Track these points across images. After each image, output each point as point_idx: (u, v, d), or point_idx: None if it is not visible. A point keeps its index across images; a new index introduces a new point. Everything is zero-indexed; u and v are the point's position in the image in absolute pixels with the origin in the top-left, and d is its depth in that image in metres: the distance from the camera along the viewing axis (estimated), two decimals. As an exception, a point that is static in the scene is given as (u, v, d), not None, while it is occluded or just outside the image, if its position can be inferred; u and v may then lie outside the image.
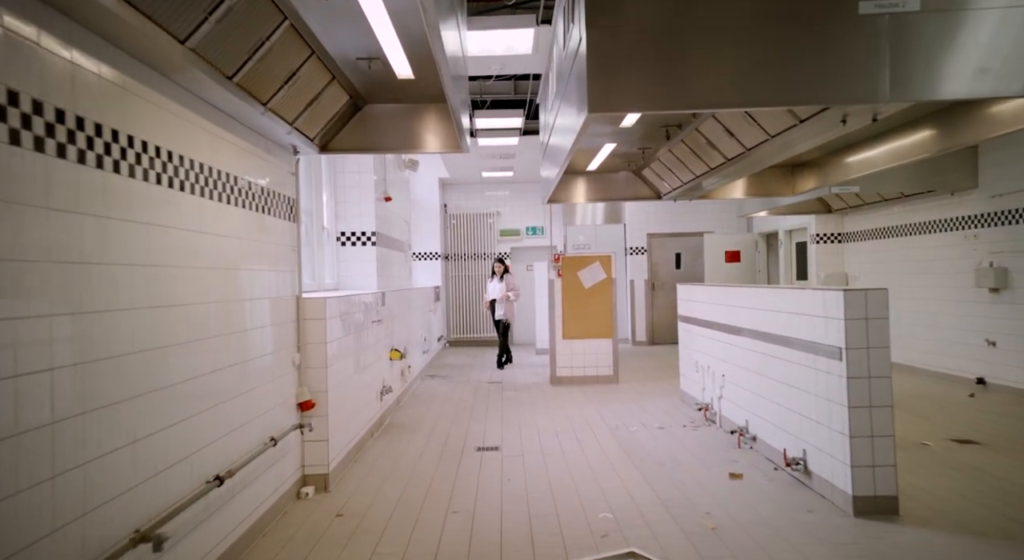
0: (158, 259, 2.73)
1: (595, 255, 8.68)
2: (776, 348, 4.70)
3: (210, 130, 3.22)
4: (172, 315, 2.81)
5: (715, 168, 5.74)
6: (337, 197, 7.27)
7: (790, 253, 11.44)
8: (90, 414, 2.26)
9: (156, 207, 2.71)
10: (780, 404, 4.66)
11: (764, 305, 4.91)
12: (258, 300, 3.82)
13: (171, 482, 2.76)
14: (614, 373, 8.65)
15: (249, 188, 3.70)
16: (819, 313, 4.02)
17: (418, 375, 9.24)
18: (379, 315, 6.50)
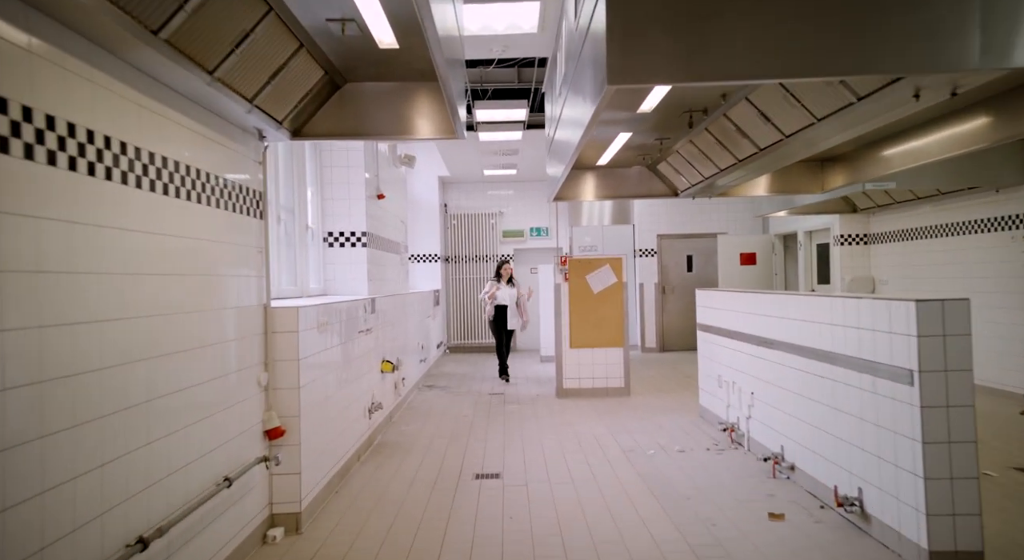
0: (72, 264, 2.11)
1: (605, 257, 8.05)
2: (821, 366, 4.06)
3: (142, 103, 2.60)
4: (88, 334, 2.19)
5: (743, 160, 5.11)
6: (324, 194, 6.64)
7: (810, 255, 10.79)
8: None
9: (73, 200, 2.09)
10: (826, 431, 4.02)
11: (805, 315, 4.27)
12: (212, 311, 3.19)
13: (77, 551, 2.13)
14: (625, 385, 8.01)
15: (204, 179, 3.08)
16: (880, 327, 3.39)
17: (414, 386, 8.62)
18: (368, 324, 5.87)
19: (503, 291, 9.16)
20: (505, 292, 9.16)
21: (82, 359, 2.20)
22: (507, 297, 9.14)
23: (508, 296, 9.15)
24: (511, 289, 9.18)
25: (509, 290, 9.17)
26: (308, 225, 6.11)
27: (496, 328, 9.35)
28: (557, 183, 6.86)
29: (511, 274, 9.27)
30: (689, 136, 5.41)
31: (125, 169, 2.48)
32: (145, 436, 2.57)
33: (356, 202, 6.71)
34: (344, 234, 6.71)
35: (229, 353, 3.37)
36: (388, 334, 6.89)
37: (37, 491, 1.98)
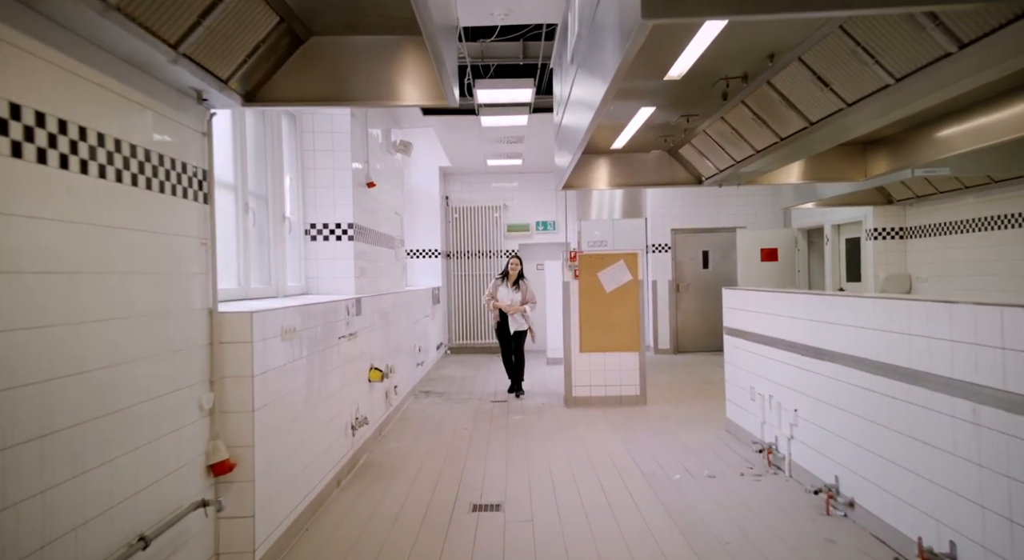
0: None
1: (618, 253, 7.31)
2: (896, 385, 3.32)
3: (10, 40, 1.88)
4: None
5: (787, 139, 4.36)
6: (305, 180, 5.92)
7: (838, 251, 10.02)
8: None
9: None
10: (902, 466, 3.28)
11: (873, 322, 3.53)
12: (135, 319, 2.48)
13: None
14: (641, 393, 7.27)
15: (120, 150, 2.36)
16: (987, 340, 2.65)
17: (409, 393, 7.90)
18: (352, 327, 5.15)
19: (504, 293, 7.83)
20: (507, 295, 7.80)
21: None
22: (508, 300, 7.81)
23: (511, 299, 7.79)
24: (515, 293, 7.78)
25: (512, 293, 7.79)
26: (286, 216, 5.39)
27: (501, 335, 8.02)
28: (566, 169, 6.13)
29: (519, 271, 7.90)
30: (721, 112, 4.66)
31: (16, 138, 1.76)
32: (37, 483, 1.86)
33: (342, 190, 5.99)
34: (328, 226, 5.99)
35: (159, 371, 2.65)
36: (378, 338, 6.17)
37: None
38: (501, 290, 7.90)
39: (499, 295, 7.90)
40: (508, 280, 7.92)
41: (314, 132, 5.93)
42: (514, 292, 7.84)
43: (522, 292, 7.85)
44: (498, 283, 7.98)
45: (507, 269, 7.96)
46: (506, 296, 7.85)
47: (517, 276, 7.92)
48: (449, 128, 8.99)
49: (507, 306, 7.78)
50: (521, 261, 8.06)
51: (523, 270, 8.04)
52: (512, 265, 7.95)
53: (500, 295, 7.89)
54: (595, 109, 3.87)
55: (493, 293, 7.95)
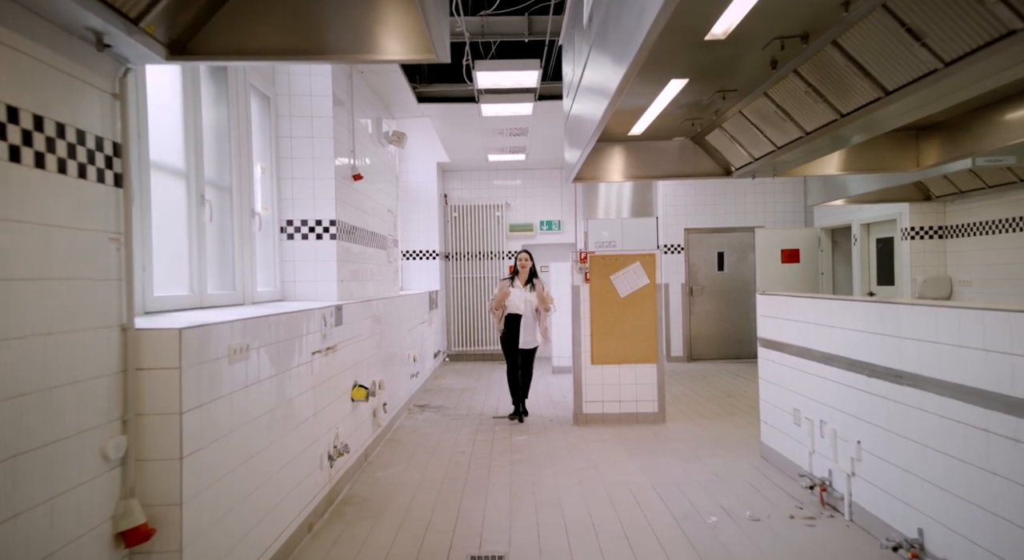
0: None
1: (634, 253, 6.58)
2: (1006, 420, 2.59)
3: None
4: None
5: (850, 115, 3.62)
6: (280, 171, 5.19)
7: (867, 252, 9.28)
8: None
9: None
10: (1020, 525, 2.54)
11: (963, 338, 2.79)
12: (3, 343, 1.75)
13: None
14: (659, 410, 6.53)
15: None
16: None
17: (403, 408, 7.16)
18: (331, 339, 4.42)
19: (516, 294, 6.75)
20: (520, 296, 6.75)
21: None
22: (522, 302, 6.74)
23: (524, 301, 6.73)
24: (529, 293, 6.75)
25: (526, 294, 6.75)
26: (255, 211, 4.65)
27: (507, 346, 6.90)
28: (578, 160, 5.39)
29: (531, 269, 6.85)
30: (767, 84, 3.92)
31: None
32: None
33: (324, 183, 5.27)
34: (308, 223, 5.27)
35: (45, 410, 1.92)
36: (365, 350, 5.43)
37: None
38: (515, 293, 6.78)
39: (512, 298, 6.77)
40: (518, 280, 6.83)
41: (291, 116, 5.20)
42: (529, 292, 6.77)
43: (538, 293, 6.77)
44: (507, 285, 6.85)
45: (516, 267, 6.85)
46: (520, 298, 6.75)
47: (529, 274, 6.84)
48: (447, 118, 8.26)
49: (518, 307, 6.72)
50: (531, 256, 6.92)
51: (535, 267, 6.97)
52: (521, 261, 6.83)
53: (514, 298, 6.77)
54: (617, 83, 3.15)
55: (501, 299, 6.77)
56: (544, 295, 6.79)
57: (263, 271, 4.91)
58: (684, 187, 11.12)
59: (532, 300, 6.78)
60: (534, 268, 6.96)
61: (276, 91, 5.16)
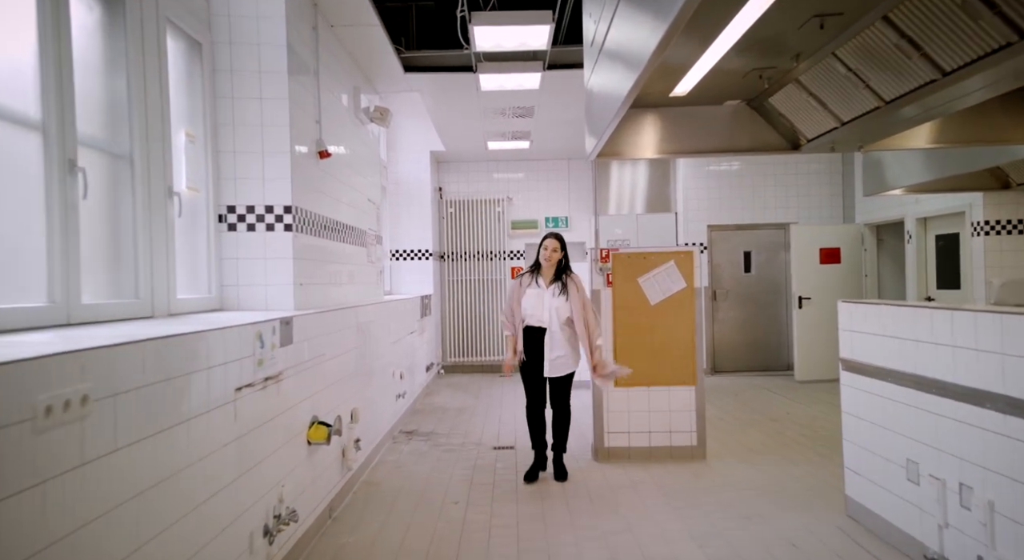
0: None
1: (667, 250, 5.38)
2: None
3: None
4: None
5: (977, 63, 2.43)
6: (218, 141, 4.00)
7: (924, 251, 8.08)
8: None
9: None
10: None
11: None
12: None
13: None
14: (698, 442, 5.32)
15: None
16: None
17: (386, 436, 5.96)
18: (271, 367, 3.21)
19: (536, 297, 4.77)
20: (541, 299, 4.77)
21: None
22: (547, 311, 4.75)
23: (550, 309, 4.74)
24: (556, 298, 4.75)
25: (551, 298, 4.75)
26: (174, 190, 3.45)
27: (527, 372, 4.89)
28: (603, 131, 4.19)
29: (560, 263, 4.85)
30: (860, 26, 2.72)
31: None
32: None
33: (276, 158, 4.08)
34: (255, 210, 4.08)
35: None
36: (331, 372, 4.23)
37: None
38: (529, 296, 4.79)
39: (527, 305, 4.79)
40: (542, 277, 4.84)
41: (233, 71, 4.01)
42: (556, 297, 4.74)
43: (571, 297, 4.73)
44: (523, 285, 4.88)
45: (538, 259, 4.87)
46: (542, 304, 4.75)
47: (557, 269, 4.82)
48: (440, 93, 7.06)
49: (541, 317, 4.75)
50: (563, 243, 4.88)
51: (567, 259, 4.89)
52: (546, 250, 4.80)
53: (528, 304, 4.78)
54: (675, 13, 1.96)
55: (514, 305, 4.87)
56: (582, 304, 4.74)
57: (188, 272, 3.71)
58: (707, 179, 9.94)
59: (562, 308, 4.74)
60: (566, 260, 4.86)
61: (213, 38, 3.96)
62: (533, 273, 4.92)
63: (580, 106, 7.54)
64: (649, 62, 2.79)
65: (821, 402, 7.55)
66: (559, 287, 4.81)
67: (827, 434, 6.03)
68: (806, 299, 9.04)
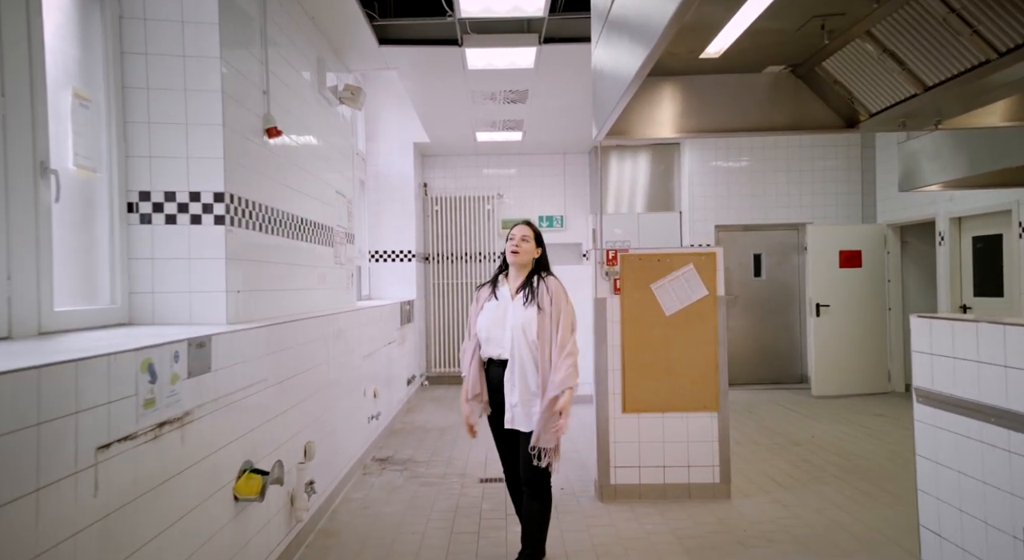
0: None
1: (685, 252, 4.57)
2: None
3: None
4: None
5: None
6: (128, 110, 3.15)
7: (958, 254, 7.31)
8: None
9: None
10: None
11: None
12: None
13: None
14: (722, 478, 4.50)
15: None
16: None
17: (354, 466, 5.10)
18: (175, 407, 2.35)
19: (491, 312, 3.29)
20: (503, 314, 3.26)
21: None
22: (509, 332, 3.22)
23: (513, 328, 3.20)
24: (523, 309, 3.20)
25: (516, 310, 3.22)
26: (50, 169, 2.59)
27: (496, 428, 3.41)
28: (614, 105, 3.37)
29: (539, 262, 3.35)
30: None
31: None
32: None
33: (204, 131, 3.23)
34: (176, 197, 3.23)
35: None
36: (270, 404, 3.37)
37: None
38: (487, 313, 3.30)
39: (482, 326, 3.29)
40: (506, 283, 3.33)
41: (146, 20, 3.16)
42: (524, 308, 3.20)
43: (545, 311, 3.17)
44: (479, 299, 3.40)
45: (503, 265, 3.40)
46: (499, 321, 3.25)
47: (531, 271, 3.30)
48: (421, 71, 6.22)
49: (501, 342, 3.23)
50: (539, 236, 3.37)
51: (545, 258, 3.38)
52: (517, 238, 3.28)
53: (485, 325, 3.28)
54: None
55: (472, 329, 3.39)
56: (561, 326, 3.16)
57: (80, 276, 2.86)
58: (714, 175, 9.15)
59: (529, 325, 3.16)
60: (544, 260, 3.36)
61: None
62: (494, 283, 3.37)
63: (578, 90, 6.72)
64: (681, 7, 1.98)
65: (845, 422, 6.76)
66: (527, 294, 3.22)
67: (863, 464, 5.23)
68: (824, 306, 8.25)
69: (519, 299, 3.25)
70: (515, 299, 3.26)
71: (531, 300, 3.22)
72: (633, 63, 2.90)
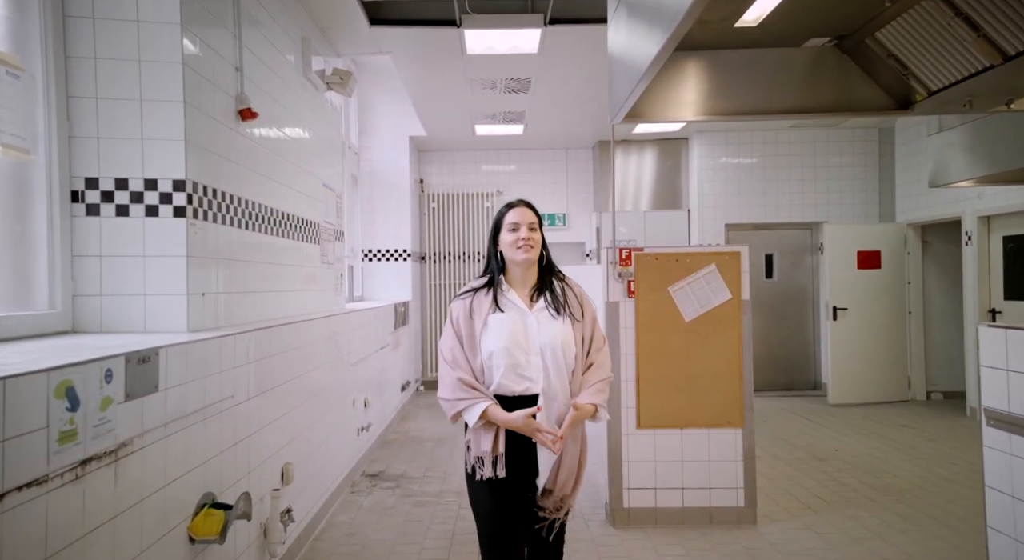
0: None
1: (706, 251, 4.14)
2: None
3: None
4: None
5: None
6: (71, 84, 2.72)
7: (987, 255, 6.89)
8: None
9: None
10: None
11: None
12: None
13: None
14: (746, 502, 4.07)
15: None
16: None
17: (342, 484, 4.66)
18: (105, 439, 1.91)
19: (507, 326, 2.27)
20: (530, 327, 2.29)
21: None
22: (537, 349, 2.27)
23: (548, 344, 2.27)
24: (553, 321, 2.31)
25: (547, 323, 2.30)
26: (-28, 146, 2.15)
27: (495, 497, 2.28)
28: (635, 83, 2.94)
29: (542, 258, 2.41)
30: None
31: None
32: None
33: (162, 109, 2.79)
34: (128, 185, 2.79)
35: None
36: (238, 423, 2.92)
37: None
38: (498, 326, 2.28)
39: (494, 346, 2.27)
40: (511, 288, 2.37)
41: (93, -24, 2.72)
42: (555, 320, 2.32)
43: (579, 323, 2.36)
44: (474, 312, 2.34)
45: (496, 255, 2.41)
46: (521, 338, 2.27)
47: (542, 267, 2.43)
48: (417, 57, 5.79)
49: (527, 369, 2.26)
50: (539, 215, 2.43)
51: (548, 252, 2.44)
52: (524, 226, 2.35)
53: (499, 344, 2.26)
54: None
55: (469, 357, 2.31)
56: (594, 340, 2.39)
57: (4, 275, 2.42)
58: (724, 171, 8.74)
59: (568, 342, 2.31)
60: (546, 255, 2.45)
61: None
62: (489, 287, 2.38)
63: (584, 79, 6.30)
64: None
65: (868, 434, 6.33)
66: (550, 301, 2.35)
67: (896, 484, 4.81)
68: (841, 310, 7.83)
69: (542, 308, 2.33)
70: (534, 309, 2.33)
71: (559, 311, 2.33)
72: (658, 34, 2.48)
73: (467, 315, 2.35)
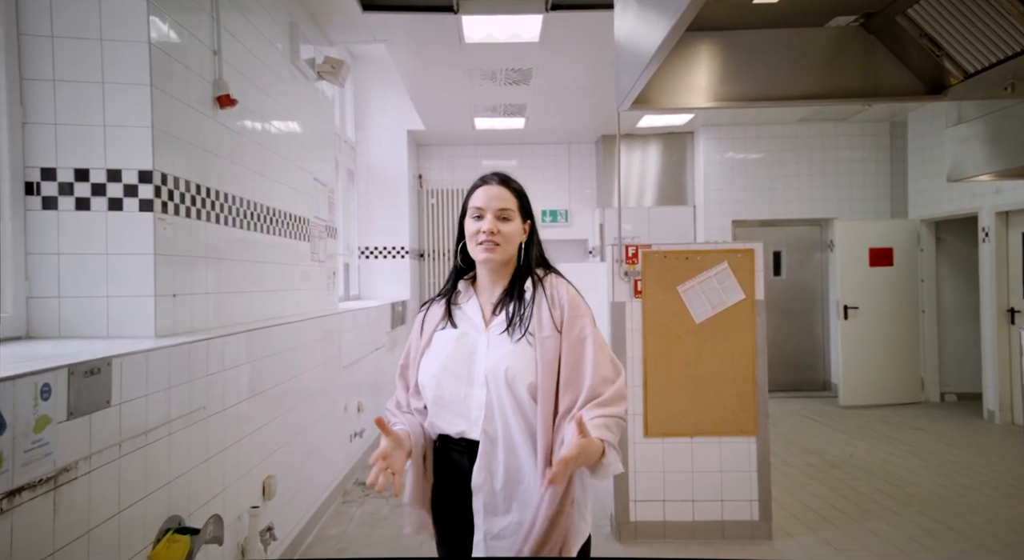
0: None
1: (717, 248, 3.90)
2: None
3: None
4: None
5: None
6: (24, 65, 2.47)
7: (1004, 252, 6.64)
8: None
9: None
10: None
11: None
12: None
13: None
14: (761, 515, 3.83)
15: None
16: None
17: (333, 494, 4.42)
18: (39, 466, 1.66)
19: (448, 346, 1.69)
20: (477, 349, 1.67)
21: None
22: (480, 381, 1.64)
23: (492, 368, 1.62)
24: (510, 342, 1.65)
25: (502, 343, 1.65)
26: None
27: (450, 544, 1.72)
28: (642, 67, 2.69)
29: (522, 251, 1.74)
30: None
31: None
32: None
33: (126, 93, 2.52)
34: (89, 176, 2.54)
35: None
36: (212, 437, 2.68)
37: None
38: (439, 348, 1.71)
39: (427, 375, 1.70)
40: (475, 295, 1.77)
41: (51, -51, 2.47)
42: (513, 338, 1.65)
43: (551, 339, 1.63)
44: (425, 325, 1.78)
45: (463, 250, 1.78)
46: (462, 364, 1.67)
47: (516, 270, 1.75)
48: (413, 46, 5.54)
49: (466, 406, 1.66)
50: (524, 202, 1.80)
51: (538, 244, 1.79)
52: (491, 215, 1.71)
53: (431, 371, 1.69)
54: None
55: (407, 375, 1.79)
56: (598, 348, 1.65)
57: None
58: (731, 166, 8.49)
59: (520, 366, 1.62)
60: (538, 249, 1.80)
61: None
62: (449, 298, 1.80)
63: (586, 70, 6.05)
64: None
65: (882, 438, 6.09)
66: (511, 312, 1.70)
67: (916, 493, 4.56)
68: (852, 308, 7.58)
69: (498, 324, 1.70)
70: (491, 325, 1.71)
71: (520, 324, 1.67)
72: (670, 11, 2.23)
73: (419, 328, 1.80)
